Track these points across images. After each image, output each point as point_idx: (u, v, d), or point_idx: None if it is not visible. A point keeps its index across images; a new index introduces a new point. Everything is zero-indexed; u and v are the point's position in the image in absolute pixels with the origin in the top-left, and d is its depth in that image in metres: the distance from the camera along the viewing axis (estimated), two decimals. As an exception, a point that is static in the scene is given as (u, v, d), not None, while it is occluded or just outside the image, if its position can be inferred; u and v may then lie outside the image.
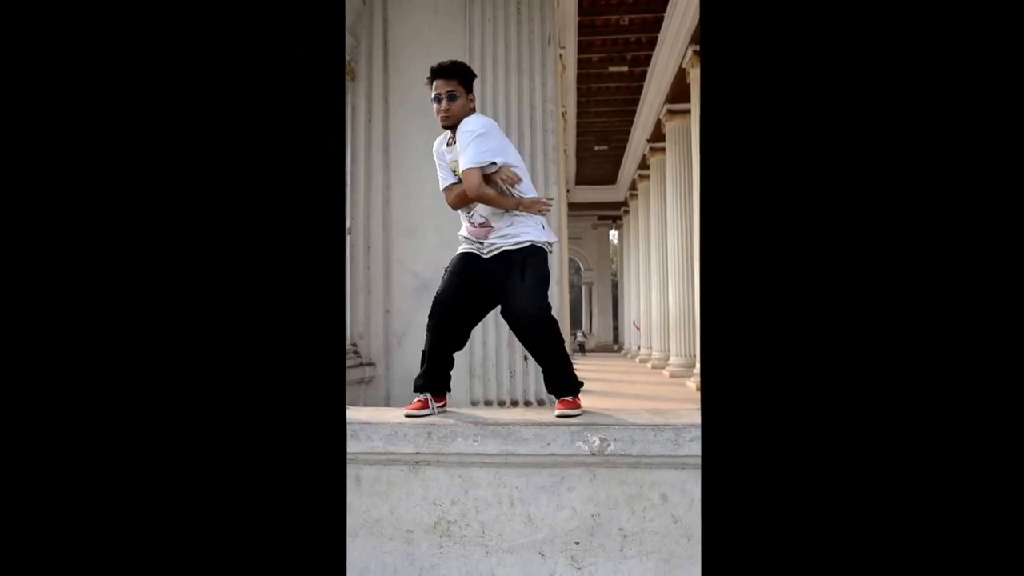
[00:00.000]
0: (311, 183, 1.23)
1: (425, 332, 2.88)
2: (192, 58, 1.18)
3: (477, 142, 2.65)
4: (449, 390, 2.91)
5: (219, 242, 1.18)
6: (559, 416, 2.60)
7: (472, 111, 2.78)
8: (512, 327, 2.79)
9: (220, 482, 1.17)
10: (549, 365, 2.80)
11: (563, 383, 2.76)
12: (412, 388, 2.85)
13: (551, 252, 2.84)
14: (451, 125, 2.75)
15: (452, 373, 2.90)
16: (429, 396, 2.77)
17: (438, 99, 2.73)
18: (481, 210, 2.76)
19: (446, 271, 2.85)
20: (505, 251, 2.73)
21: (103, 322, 1.14)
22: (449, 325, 2.81)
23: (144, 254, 1.15)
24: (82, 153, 1.13)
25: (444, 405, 2.86)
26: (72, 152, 1.13)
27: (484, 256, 2.77)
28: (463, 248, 2.85)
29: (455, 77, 2.74)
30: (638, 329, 22.63)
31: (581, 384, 2.78)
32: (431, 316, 2.82)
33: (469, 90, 2.78)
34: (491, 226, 2.75)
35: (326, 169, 1.26)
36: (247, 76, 1.20)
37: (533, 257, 2.74)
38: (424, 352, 2.87)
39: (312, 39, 1.24)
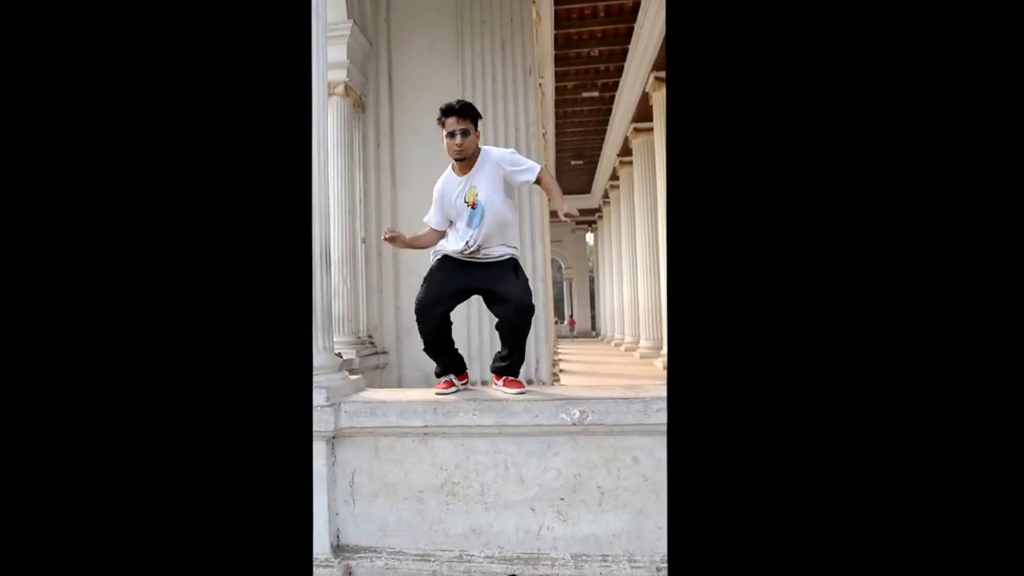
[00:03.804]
0: (278, 190, 1.20)
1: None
2: (162, 70, 1.15)
3: (520, 158, 2.78)
4: (466, 368, 2.94)
5: (183, 246, 1.16)
6: (517, 393, 2.67)
7: (477, 143, 2.76)
8: (508, 314, 2.76)
9: (184, 472, 1.15)
10: (519, 351, 2.86)
11: (517, 366, 2.86)
12: (433, 374, 2.90)
13: None
14: (463, 158, 2.71)
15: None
16: (452, 377, 2.82)
17: (452, 135, 2.67)
18: (478, 240, 2.72)
19: (425, 280, 2.83)
20: (498, 261, 2.76)
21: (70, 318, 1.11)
22: (434, 322, 2.80)
23: (104, 255, 1.13)
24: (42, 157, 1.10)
25: (466, 381, 2.90)
26: (25, 157, 1.09)
27: (478, 262, 2.77)
28: (445, 254, 2.83)
29: (467, 115, 2.70)
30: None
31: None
32: (419, 321, 2.81)
33: (476, 127, 2.75)
34: (479, 254, 2.76)
35: (292, 178, 1.22)
36: (216, 90, 1.17)
37: (519, 266, 2.82)
38: (425, 350, 2.88)
39: (278, 54, 1.20)
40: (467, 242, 2.74)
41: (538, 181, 2.77)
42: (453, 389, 2.78)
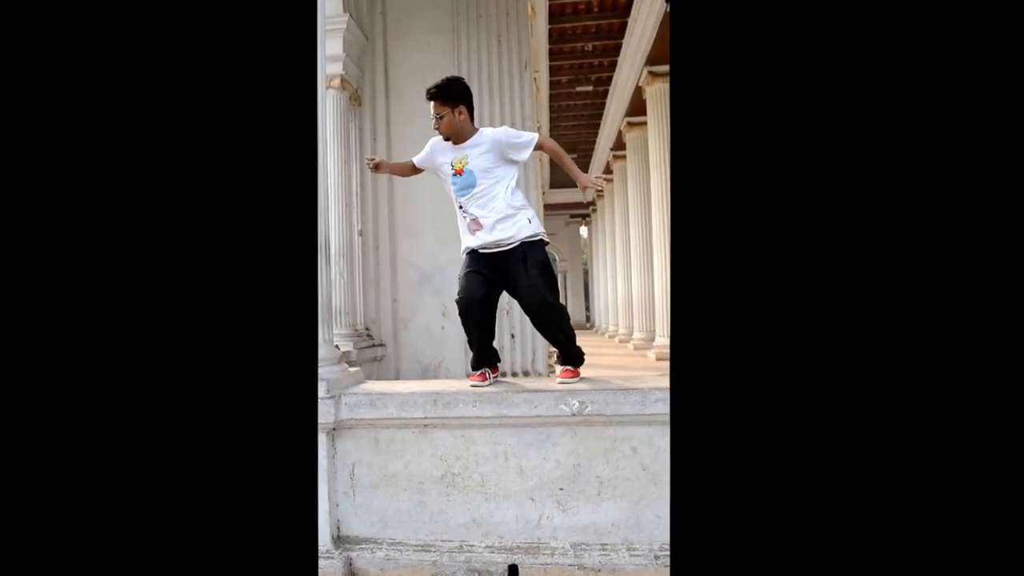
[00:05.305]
0: (284, 187, 1.19)
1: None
2: (168, 67, 1.14)
3: (515, 130, 2.81)
4: (499, 361, 2.91)
5: (187, 241, 1.15)
6: (562, 382, 2.63)
7: (463, 121, 2.74)
8: (528, 311, 2.76)
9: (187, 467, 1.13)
10: (559, 340, 2.81)
11: (572, 355, 2.82)
12: (470, 366, 2.89)
13: (547, 242, 2.78)
14: (449, 136, 2.76)
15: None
16: (487, 370, 2.78)
17: (435, 117, 2.73)
18: (472, 211, 2.72)
19: (460, 276, 2.75)
20: (511, 248, 2.67)
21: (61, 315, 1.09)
22: (476, 319, 2.74)
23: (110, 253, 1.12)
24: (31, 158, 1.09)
25: (497, 374, 2.87)
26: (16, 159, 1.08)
27: (494, 252, 2.70)
28: (468, 248, 2.77)
29: (439, 98, 2.70)
30: None
31: (582, 359, 2.84)
32: (462, 318, 2.75)
33: (455, 105, 2.71)
34: (480, 225, 2.70)
35: (298, 174, 1.22)
36: (222, 87, 1.16)
37: (532, 250, 2.69)
38: (468, 343, 2.87)
39: (285, 52, 1.19)
40: (460, 206, 2.76)
41: (540, 147, 2.81)
42: (488, 381, 2.75)
